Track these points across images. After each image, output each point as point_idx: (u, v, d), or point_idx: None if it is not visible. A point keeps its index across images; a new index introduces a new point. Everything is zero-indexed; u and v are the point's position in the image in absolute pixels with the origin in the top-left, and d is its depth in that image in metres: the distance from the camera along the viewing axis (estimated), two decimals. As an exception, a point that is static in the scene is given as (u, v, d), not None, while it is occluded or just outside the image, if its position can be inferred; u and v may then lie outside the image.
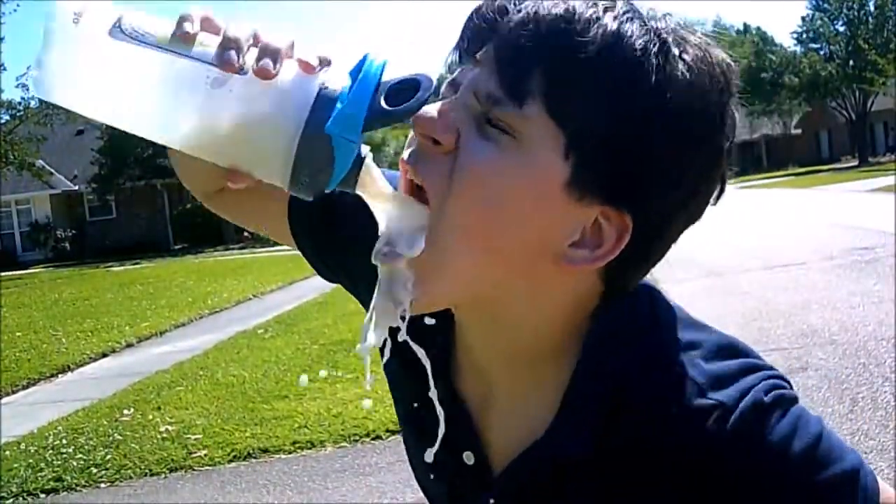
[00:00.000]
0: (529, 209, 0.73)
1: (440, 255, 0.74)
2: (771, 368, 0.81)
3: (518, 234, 0.74)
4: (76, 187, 38.86)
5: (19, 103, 32.08)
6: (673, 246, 0.79)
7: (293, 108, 0.66)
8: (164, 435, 6.21)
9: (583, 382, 0.79)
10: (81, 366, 9.88)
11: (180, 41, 0.66)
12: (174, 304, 14.45)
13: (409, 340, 0.76)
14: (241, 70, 0.66)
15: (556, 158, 0.72)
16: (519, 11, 0.73)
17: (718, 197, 0.77)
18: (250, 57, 0.68)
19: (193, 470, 5.54)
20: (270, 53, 0.68)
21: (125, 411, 7.05)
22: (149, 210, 38.86)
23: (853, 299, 8.29)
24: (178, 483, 5.39)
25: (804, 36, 55.25)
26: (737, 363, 0.79)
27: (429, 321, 0.86)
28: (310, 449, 5.56)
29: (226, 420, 6.36)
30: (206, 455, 5.68)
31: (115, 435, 6.38)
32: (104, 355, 10.19)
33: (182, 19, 0.69)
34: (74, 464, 5.82)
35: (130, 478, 5.54)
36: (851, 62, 51.16)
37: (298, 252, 1.06)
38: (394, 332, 0.76)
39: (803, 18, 54.85)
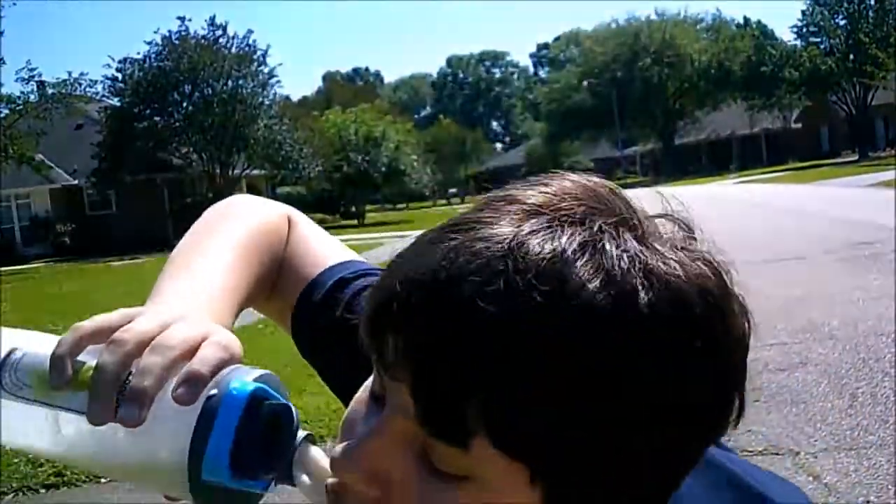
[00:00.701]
0: None
1: None
2: None
3: None
4: (76, 182, 38.89)
5: (19, 97, 32.16)
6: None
7: (172, 453, 0.61)
8: (165, 429, 6.21)
9: None
10: (81, 360, 9.89)
11: (52, 391, 0.64)
12: (174, 298, 14.43)
13: None
14: (114, 417, 0.61)
15: (520, 489, 0.57)
16: (434, 302, 0.55)
17: (738, 417, 0.60)
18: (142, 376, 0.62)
19: (194, 464, 5.54)
20: (135, 397, 0.61)
21: (125, 406, 7.05)
22: (149, 205, 38.83)
23: (853, 294, 8.29)
24: (178, 478, 5.39)
25: (804, 30, 55.26)
26: None
27: None
28: (310, 444, 5.56)
29: (226, 415, 6.36)
30: (206, 450, 5.69)
31: (116, 429, 6.38)
32: (104, 350, 10.19)
33: (52, 365, 0.64)
34: (75, 458, 5.83)
35: (131, 472, 5.54)
36: (852, 56, 51.15)
37: None
38: None
39: (803, 12, 54.89)
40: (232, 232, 0.92)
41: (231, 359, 0.64)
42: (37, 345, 0.67)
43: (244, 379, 0.62)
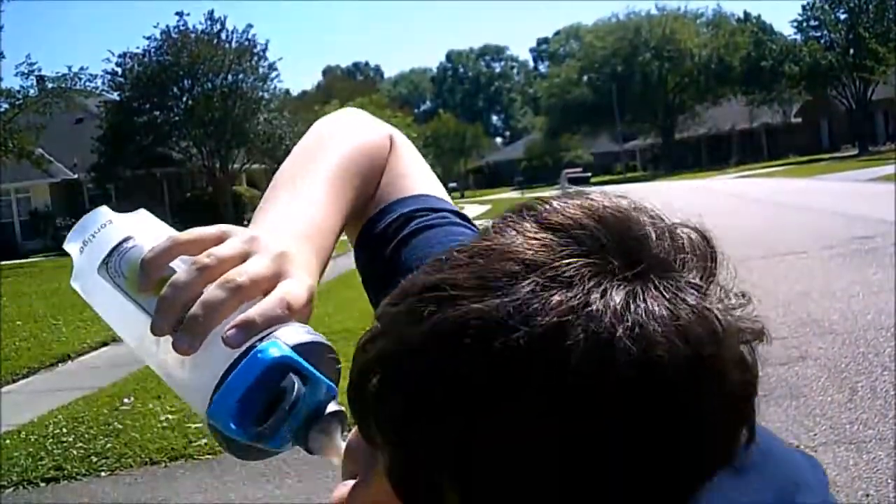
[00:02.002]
0: None
1: None
2: None
3: None
4: (76, 176, 38.86)
5: (18, 92, 32.06)
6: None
7: (203, 387, 0.65)
8: (165, 424, 6.22)
9: None
10: (81, 355, 9.89)
11: (139, 291, 0.69)
12: (174, 292, 14.42)
13: None
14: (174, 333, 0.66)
15: None
16: (409, 394, 0.54)
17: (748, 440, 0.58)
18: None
19: (194, 459, 5.55)
20: (189, 328, 0.64)
21: (125, 400, 7.06)
22: (148, 199, 38.69)
23: (853, 288, 8.30)
24: (178, 472, 5.40)
25: (804, 24, 55.16)
26: None
27: None
28: (310, 438, 5.57)
29: (226, 409, 6.37)
30: (206, 444, 5.69)
31: (116, 424, 6.39)
32: (104, 344, 10.19)
33: (140, 267, 0.69)
34: (75, 452, 5.84)
35: (130, 466, 5.55)
36: (852, 51, 51.09)
37: None
38: None
39: (804, 7, 54.78)
40: (336, 153, 0.92)
41: (289, 314, 0.67)
42: (150, 239, 0.71)
43: (284, 342, 0.65)
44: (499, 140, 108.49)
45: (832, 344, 6.39)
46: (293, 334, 0.66)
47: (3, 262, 27.38)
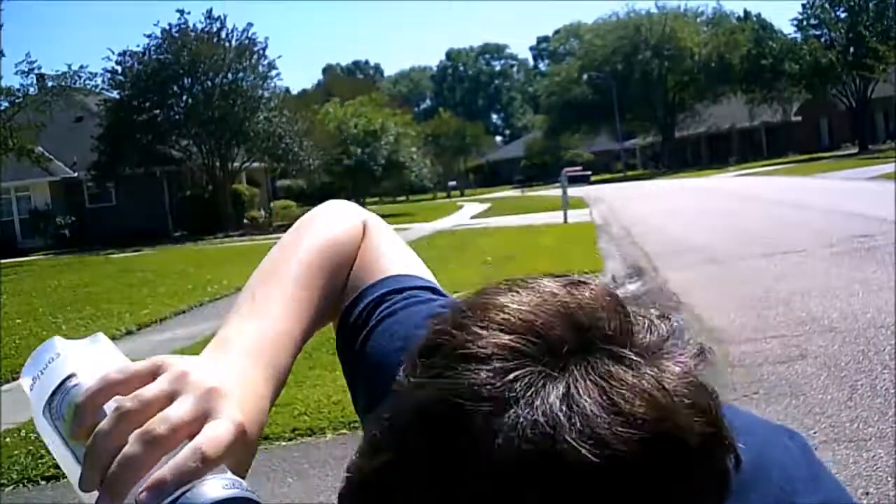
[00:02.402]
0: None
1: None
2: None
3: None
4: (76, 174, 38.86)
5: (18, 90, 32.05)
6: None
7: None
8: (165, 422, 6.22)
9: None
10: (81, 353, 9.88)
11: (71, 437, 0.67)
12: (174, 291, 14.45)
13: None
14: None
15: None
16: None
17: None
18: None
19: (194, 457, 5.55)
20: (111, 488, 0.62)
21: (125, 398, 7.06)
22: (148, 197, 38.82)
23: (853, 287, 8.30)
24: (178, 470, 5.40)
25: (805, 23, 55.18)
26: None
27: None
28: (310, 436, 5.57)
29: (226, 407, 6.36)
30: (206, 442, 5.69)
31: (116, 422, 6.39)
32: (104, 342, 10.19)
33: (74, 414, 0.66)
34: (75, 451, 5.84)
35: (131, 465, 5.55)
36: (852, 49, 51.10)
37: None
38: None
39: (804, 5, 54.80)
40: (304, 251, 0.93)
41: (205, 468, 0.63)
42: (91, 377, 0.68)
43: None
44: (499, 139, 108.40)
45: (832, 342, 6.39)
46: (207, 492, 0.62)
47: (3, 261, 27.37)
